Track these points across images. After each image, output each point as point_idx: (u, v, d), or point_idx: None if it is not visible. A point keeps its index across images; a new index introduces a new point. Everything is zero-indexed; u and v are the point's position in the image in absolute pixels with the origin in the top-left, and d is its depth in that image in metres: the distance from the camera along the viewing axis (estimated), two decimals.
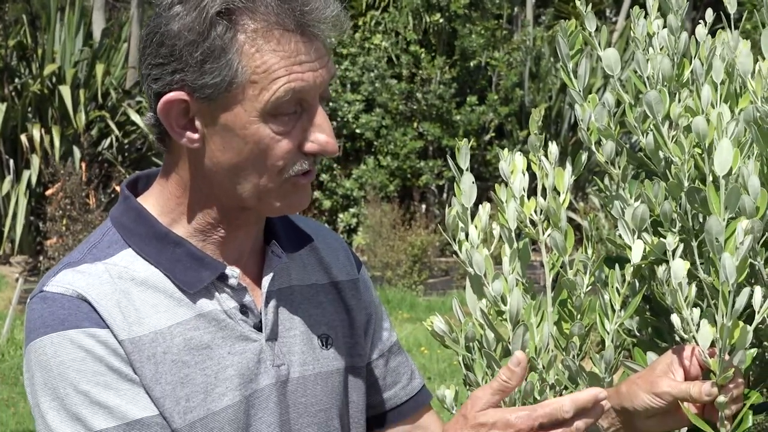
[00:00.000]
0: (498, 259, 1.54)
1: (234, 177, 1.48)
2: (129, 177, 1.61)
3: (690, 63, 1.62)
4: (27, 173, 13.26)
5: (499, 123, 16.58)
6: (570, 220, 1.55)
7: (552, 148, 1.56)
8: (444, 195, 16.28)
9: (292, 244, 1.63)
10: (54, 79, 13.81)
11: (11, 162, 13.50)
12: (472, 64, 16.73)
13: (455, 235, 1.55)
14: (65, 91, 13.41)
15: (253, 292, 1.57)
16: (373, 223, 13.55)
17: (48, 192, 11.35)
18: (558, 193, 1.54)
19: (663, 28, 1.63)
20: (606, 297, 1.52)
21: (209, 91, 1.44)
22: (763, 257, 1.46)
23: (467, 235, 1.54)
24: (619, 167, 1.57)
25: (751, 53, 1.57)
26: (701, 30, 1.62)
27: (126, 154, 14.26)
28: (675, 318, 1.45)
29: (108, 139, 14.05)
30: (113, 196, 11.94)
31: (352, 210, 15.74)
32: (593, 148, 1.59)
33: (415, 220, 14.18)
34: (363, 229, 14.67)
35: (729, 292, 1.38)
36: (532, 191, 1.55)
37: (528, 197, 1.54)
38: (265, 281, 1.57)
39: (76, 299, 1.45)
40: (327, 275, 1.68)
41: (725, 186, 1.42)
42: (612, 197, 1.59)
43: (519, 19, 19.07)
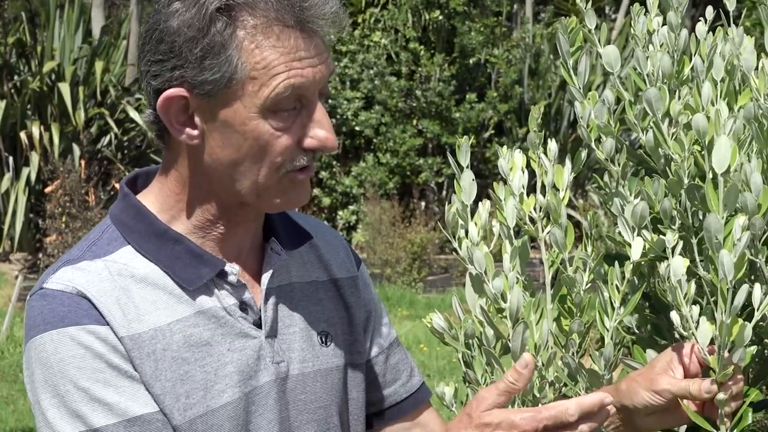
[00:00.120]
0: (497, 257, 1.54)
1: (233, 173, 1.48)
2: (128, 174, 1.61)
3: (690, 60, 1.61)
4: (26, 170, 13.26)
5: (499, 120, 16.58)
6: (569, 217, 1.55)
7: (551, 145, 1.56)
8: (443, 192, 16.28)
9: (291, 241, 1.63)
10: (53, 77, 13.80)
11: (10, 159, 13.50)
12: (471, 61, 16.73)
13: (455, 233, 1.55)
14: (64, 89, 13.41)
15: (253, 289, 1.56)
16: (373, 221, 13.55)
17: (47, 189, 11.35)
18: (557, 191, 1.54)
19: (663, 25, 1.63)
20: (605, 294, 1.51)
21: (209, 88, 1.44)
22: (765, 255, 1.46)
23: (467, 233, 1.54)
24: (619, 164, 1.57)
25: (755, 50, 1.57)
26: (701, 27, 1.62)
27: (125, 151, 14.26)
28: (674, 315, 1.45)
29: (107, 137, 14.04)
30: (112, 193, 11.94)
31: (351, 207, 15.74)
32: (593, 145, 1.59)
33: (415, 217, 14.19)
34: (362, 227, 14.66)
35: (728, 289, 1.38)
36: (531, 189, 1.55)
37: (527, 195, 1.54)
38: (265, 278, 1.57)
39: (75, 296, 1.45)
40: (326, 272, 1.68)
41: (724, 183, 1.42)
42: (612, 194, 1.59)
43: (518, 17, 19.07)
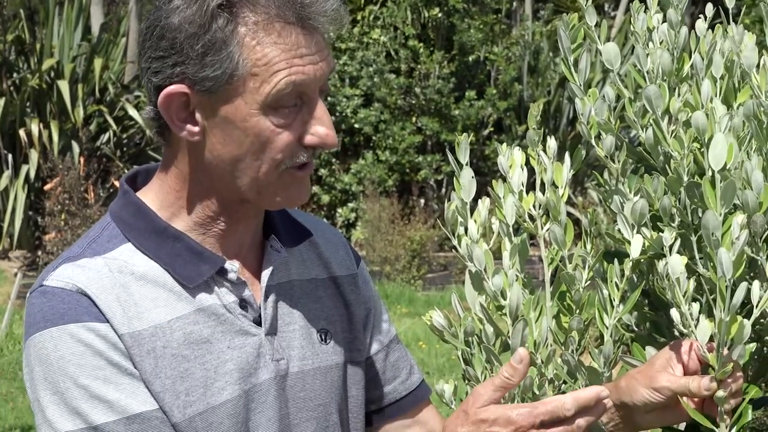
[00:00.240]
0: (497, 254, 1.54)
1: (234, 170, 1.48)
2: (128, 172, 1.61)
3: (689, 57, 1.61)
4: (25, 168, 13.25)
5: (498, 118, 16.57)
6: (568, 214, 1.55)
7: (550, 142, 1.56)
8: (442, 190, 16.27)
9: (291, 238, 1.63)
10: (52, 74, 13.78)
11: (10, 157, 13.49)
12: (470, 58, 16.71)
13: (454, 230, 1.55)
14: (63, 86, 13.39)
15: (253, 286, 1.57)
16: (372, 218, 13.54)
17: (47, 187, 11.33)
18: (557, 188, 1.54)
19: (663, 22, 1.63)
20: (605, 292, 1.51)
21: (210, 84, 1.44)
22: (766, 253, 1.46)
23: (466, 230, 1.54)
24: (619, 162, 1.57)
25: (756, 47, 1.57)
26: (701, 25, 1.62)
27: (124, 148, 14.25)
28: (674, 313, 1.45)
29: (106, 134, 14.03)
30: (112, 190, 11.92)
31: (350, 205, 15.72)
32: (593, 142, 1.59)
33: (414, 214, 14.17)
34: (362, 224, 14.65)
35: (726, 287, 1.38)
36: (530, 186, 1.55)
37: (527, 192, 1.54)
38: (265, 275, 1.57)
39: (75, 293, 1.45)
40: (326, 270, 1.68)
41: (720, 180, 1.42)
42: (611, 192, 1.59)
43: (518, 14, 19.06)
